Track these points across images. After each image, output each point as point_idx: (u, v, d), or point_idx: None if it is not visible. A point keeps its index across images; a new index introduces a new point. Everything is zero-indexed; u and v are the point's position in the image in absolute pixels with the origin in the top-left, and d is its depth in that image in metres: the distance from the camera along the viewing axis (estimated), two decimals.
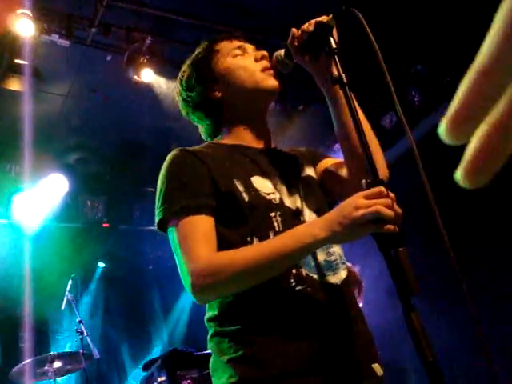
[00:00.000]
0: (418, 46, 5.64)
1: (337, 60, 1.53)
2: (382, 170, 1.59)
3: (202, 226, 1.54)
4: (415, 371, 5.19)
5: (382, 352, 1.66)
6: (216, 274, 1.45)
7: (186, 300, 7.91)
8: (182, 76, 1.87)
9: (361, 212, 1.31)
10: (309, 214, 1.67)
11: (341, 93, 1.54)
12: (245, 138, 1.79)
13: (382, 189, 1.33)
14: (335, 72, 1.52)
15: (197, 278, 1.45)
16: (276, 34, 4.96)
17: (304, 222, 1.64)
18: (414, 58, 5.87)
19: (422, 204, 1.37)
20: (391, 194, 1.33)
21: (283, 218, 1.60)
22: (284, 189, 1.68)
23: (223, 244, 1.54)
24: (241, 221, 1.57)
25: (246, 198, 1.59)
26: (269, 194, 1.63)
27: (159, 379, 4.85)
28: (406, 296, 1.27)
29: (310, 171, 1.83)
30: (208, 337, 1.61)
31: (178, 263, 1.54)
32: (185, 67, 1.88)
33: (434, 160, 5.62)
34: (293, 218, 1.63)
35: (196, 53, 1.87)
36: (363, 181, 1.37)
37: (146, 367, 5.26)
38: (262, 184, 1.65)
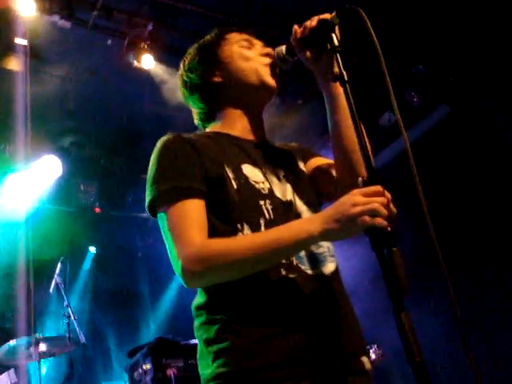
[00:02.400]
0: (419, 47, 5.63)
1: (338, 57, 1.52)
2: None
3: (194, 210, 1.53)
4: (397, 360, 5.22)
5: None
6: (208, 260, 1.45)
7: (175, 289, 7.91)
8: (186, 58, 1.89)
9: (358, 209, 1.31)
10: (300, 206, 1.68)
11: (339, 90, 1.55)
12: (237, 127, 1.79)
13: (380, 187, 1.33)
14: (336, 69, 1.52)
15: (188, 263, 1.45)
16: (278, 27, 4.94)
17: (295, 212, 1.65)
18: (415, 58, 5.87)
19: (416, 203, 1.37)
20: (388, 194, 1.34)
21: (273, 206, 1.61)
22: (274, 179, 1.69)
23: (213, 230, 1.54)
24: (230, 207, 1.57)
25: (235, 185, 1.59)
26: (258, 182, 1.64)
27: (144, 367, 4.85)
28: (397, 296, 1.26)
29: (301, 166, 1.84)
30: (195, 325, 1.61)
31: (168, 247, 1.53)
32: (190, 50, 1.90)
33: (431, 160, 5.67)
34: (283, 208, 1.63)
35: (204, 38, 1.90)
36: (360, 178, 1.37)
37: (131, 354, 5.26)
38: (251, 172, 1.66)
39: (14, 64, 5.33)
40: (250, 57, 1.79)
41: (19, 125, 5.07)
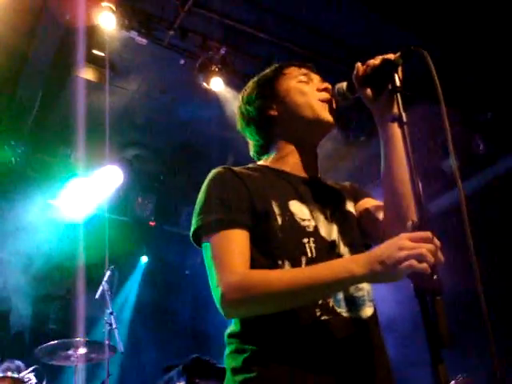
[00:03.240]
0: (489, 94, 5.52)
1: (399, 98, 1.51)
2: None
3: (238, 240, 1.54)
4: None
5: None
6: (248, 290, 1.44)
7: (216, 312, 7.90)
8: (245, 90, 1.92)
9: (404, 253, 1.28)
10: (343, 247, 1.66)
11: (396, 132, 1.54)
12: (289, 163, 1.79)
13: (429, 234, 1.30)
14: (395, 110, 1.50)
15: (228, 291, 1.45)
16: (345, 61, 4.95)
17: (338, 253, 1.62)
18: (483, 105, 5.75)
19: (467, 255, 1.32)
20: (436, 241, 1.30)
21: (317, 245, 1.59)
22: (321, 217, 1.67)
23: (253, 263, 1.54)
24: (273, 243, 1.57)
25: (280, 221, 1.59)
26: (304, 220, 1.63)
27: None
28: (436, 347, 1.22)
29: (350, 207, 1.81)
30: (225, 353, 1.60)
31: (209, 276, 1.54)
32: (249, 83, 1.93)
33: (493, 212, 5.51)
34: (327, 247, 1.61)
35: (264, 72, 1.93)
36: (409, 222, 1.34)
37: (166, 370, 5.26)
38: (298, 209, 1.65)
39: (89, 74, 5.53)
40: (307, 92, 1.79)
41: (85, 132, 5.23)
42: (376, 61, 1.58)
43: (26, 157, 6.58)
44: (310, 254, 1.56)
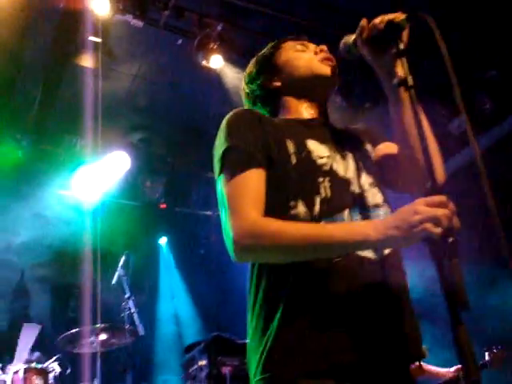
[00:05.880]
0: (492, 51, 5.44)
1: (404, 61, 1.49)
2: (439, 175, 1.57)
3: (254, 182, 1.55)
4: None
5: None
6: (259, 238, 1.46)
7: (236, 288, 7.94)
8: (246, 72, 1.98)
9: (419, 217, 1.29)
10: (363, 184, 1.64)
11: (403, 95, 1.52)
12: (303, 114, 1.82)
13: (444, 198, 1.30)
14: (401, 73, 1.49)
15: (240, 236, 1.46)
16: (344, 28, 4.89)
17: (356, 191, 1.61)
18: (487, 63, 5.68)
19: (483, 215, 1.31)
20: (452, 205, 1.30)
21: (332, 184, 1.58)
22: (338, 157, 1.67)
23: (267, 204, 1.54)
24: (286, 184, 1.57)
25: (294, 161, 1.60)
26: (322, 157, 1.63)
27: (200, 363, 4.89)
28: (455, 309, 1.22)
29: (368, 147, 1.80)
30: (248, 306, 1.61)
31: (222, 214, 1.55)
32: (250, 64, 1.98)
33: (504, 169, 5.46)
34: (344, 185, 1.61)
35: (261, 51, 1.98)
36: (424, 187, 1.33)
37: (188, 349, 5.32)
38: (317, 147, 1.65)
39: (87, 61, 5.49)
40: (305, 57, 1.85)
41: (89, 120, 5.22)
42: (382, 22, 1.56)
43: (32, 149, 6.59)
44: (324, 194, 1.56)
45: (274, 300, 1.51)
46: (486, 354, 4.48)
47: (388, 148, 1.80)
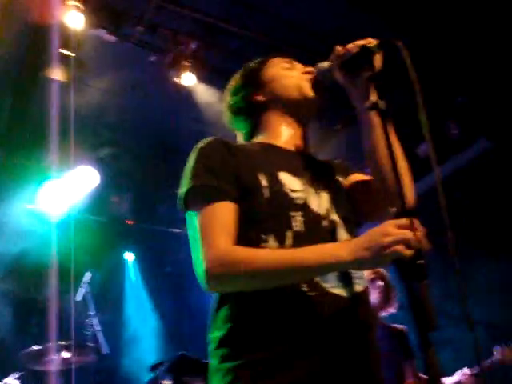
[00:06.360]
0: (463, 78, 5.57)
1: (375, 86, 1.53)
2: (410, 198, 1.59)
3: (225, 214, 1.54)
4: None
5: None
6: (230, 265, 1.45)
7: (198, 307, 7.89)
8: (231, 83, 1.97)
9: (390, 239, 1.30)
10: (335, 220, 1.65)
11: (375, 118, 1.55)
12: (280, 138, 1.81)
13: (414, 220, 1.32)
14: (373, 98, 1.52)
15: (211, 265, 1.46)
16: (320, 51, 4.95)
17: (329, 227, 1.62)
18: (456, 89, 5.80)
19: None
20: (421, 227, 1.32)
21: (305, 218, 1.58)
22: (311, 190, 1.67)
23: (239, 238, 1.53)
24: (258, 217, 1.57)
25: (266, 195, 1.59)
26: (294, 191, 1.63)
27: (164, 382, 4.82)
28: (424, 331, 1.23)
29: (341, 182, 1.82)
30: (209, 338, 1.61)
31: (193, 248, 1.55)
32: (235, 76, 1.98)
33: (467, 195, 5.57)
34: (316, 221, 1.61)
35: (247, 65, 1.99)
36: (392, 209, 1.35)
37: (153, 369, 5.24)
38: (289, 180, 1.65)
39: (58, 74, 5.44)
40: (292, 75, 1.85)
41: (58, 134, 5.16)
42: (355, 47, 1.60)
43: (1, 162, 6.48)
44: (296, 228, 1.56)
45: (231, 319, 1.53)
46: (497, 350, 4.46)
47: (358, 177, 1.83)
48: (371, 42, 1.58)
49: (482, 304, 4.90)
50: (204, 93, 5.93)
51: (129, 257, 8.25)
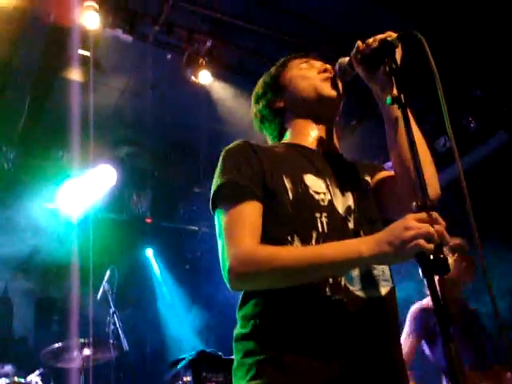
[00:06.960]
0: (478, 72, 5.53)
1: (396, 79, 1.53)
2: (434, 191, 1.59)
3: (251, 213, 1.56)
4: None
5: None
6: (256, 264, 1.46)
7: (219, 304, 7.92)
8: (254, 91, 1.98)
9: (411, 233, 1.29)
10: (360, 221, 1.65)
11: (398, 111, 1.54)
12: (307, 138, 1.81)
13: (435, 215, 1.31)
14: (394, 91, 1.51)
15: (235, 263, 1.47)
16: (334, 46, 4.94)
17: (353, 228, 1.62)
18: (473, 83, 5.76)
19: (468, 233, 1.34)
20: (442, 221, 1.31)
21: (330, 220, 1.59)
22: (337, 192, 1.67)
23: (264, 239, 1.54)
24: (283, 219, 1.58)
25: (291, 196, 1.60)
26: (318, 193, 1.63)
27: (185, 379, 4.85)
28: (446, 325, 1.23)
29: (367, 180, 1.82)
30: (234, 334, 1.61)
31: (219, 246, 1.56)
32: (258, 83, 1.98)
33: (486, 188, 5.52)
34: (341, 222, 1.61)
35: (268, 71, 1.98)
36: (413, 203, 1.35)
37: (172, 365, 5.27)
38: (313, 182, 1.65)
39: (76, 74, 5.49)
40: (307, 75, 1.84)
41: (77, 133, 5.21)
42: (375, 41, 1.60)
43: (19, 161, 6.55)
44: (321, 229, 1.57)
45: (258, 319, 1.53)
46: None
47: (383, 173, 1.83)
48: (391, 35, 1.58)
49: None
50: (220, 90, 5.95)
51: (149, 253, 8.32)
